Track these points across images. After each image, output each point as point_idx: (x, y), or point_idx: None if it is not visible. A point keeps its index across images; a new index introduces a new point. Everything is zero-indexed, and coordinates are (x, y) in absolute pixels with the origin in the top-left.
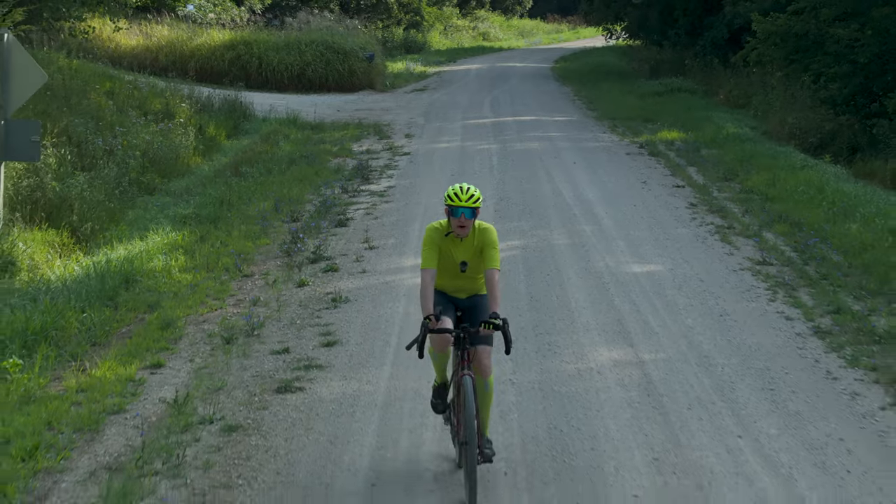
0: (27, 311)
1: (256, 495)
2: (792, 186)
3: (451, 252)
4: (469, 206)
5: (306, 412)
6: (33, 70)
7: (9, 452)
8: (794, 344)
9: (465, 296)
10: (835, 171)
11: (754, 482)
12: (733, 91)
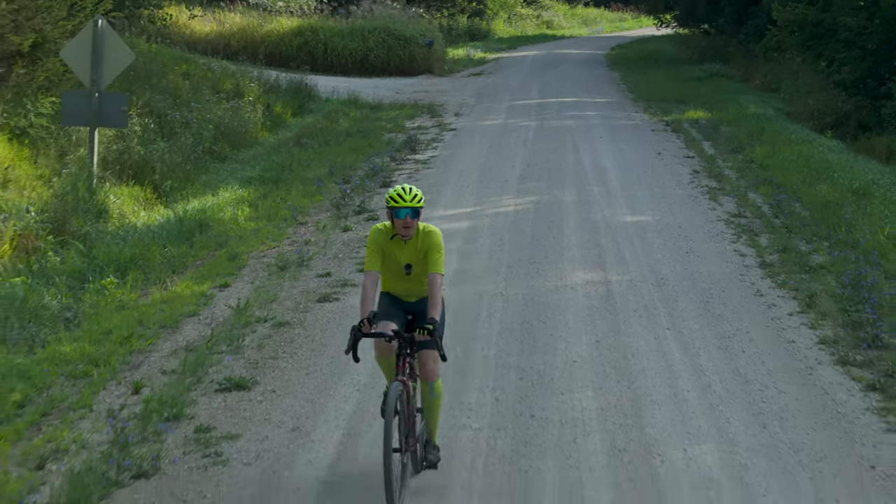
0: (119, 245)
1: (296, 363)
2: (787, 157)
3: (395, 254)
4: (412, 206)
5: (339, 314)
6: (122, 50)
7: (110, 339)
8: (739, 272)
9: (414, 299)
10: (830, 145)
11: (667, 356)
12: (767, 76)
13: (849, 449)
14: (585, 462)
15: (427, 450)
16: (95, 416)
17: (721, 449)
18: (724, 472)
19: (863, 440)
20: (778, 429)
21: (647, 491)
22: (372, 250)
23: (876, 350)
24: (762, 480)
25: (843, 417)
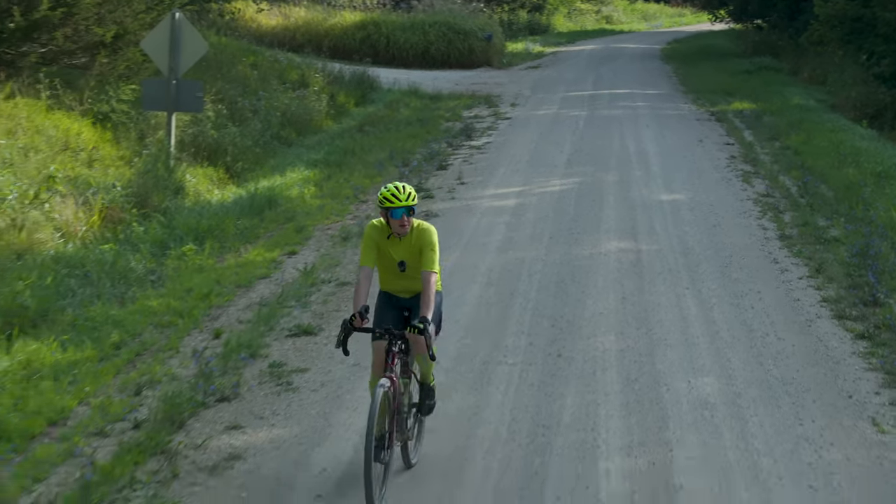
0: (196, 218)
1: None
2: (820, 144)
3: (390, 251)
4: (408, 205)
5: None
6: (198, 41)
7: (191, 295)
8: (759, 243)
9: (408, 296)
10: (864, 134)
11: (684, 310)
12: (815, 70)
13: (832, 383)
14: (602, 389)
15: (424, 392)
16: (182, 356)
17: (720, 381)
18: (720, 398)
19: (845, 377)
20: (772, 367)
21: (651, 410)
22: (367, 246)
23: (871, 307)
24: (752, 404)
25: (831, 359)
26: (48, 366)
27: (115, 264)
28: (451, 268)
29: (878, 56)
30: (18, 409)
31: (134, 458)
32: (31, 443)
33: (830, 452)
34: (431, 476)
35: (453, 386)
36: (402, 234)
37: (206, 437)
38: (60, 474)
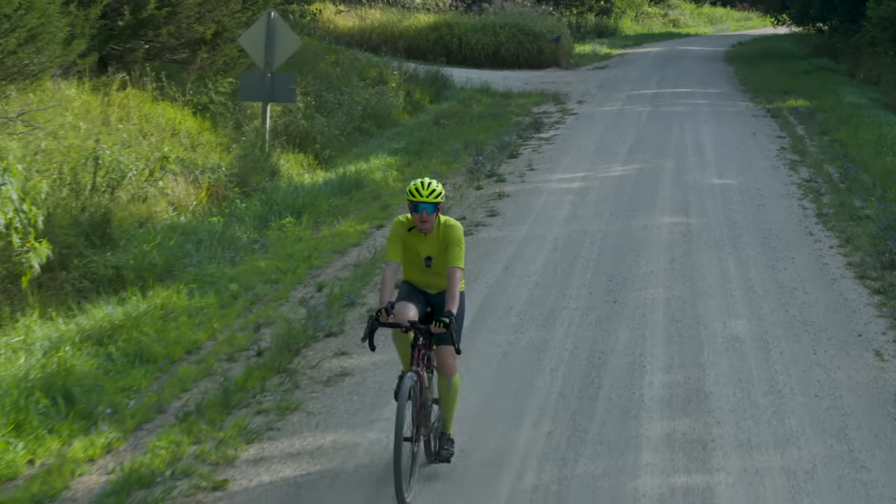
0: (292, 196)
1: None
2: (866, 137)
3: (416, 247)
4: (430, 202)
5: (474, 245)
6: (291, 38)
7: (293, 258)
8: (798, 220)
9: (434, 292)
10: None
11: (725, 270)
12: (871, 71)
13: (846, 326)
14: (649, 327)
15: (441, 443)
16: (291, 303)
17: (751, 323)
18: (749, 334)
19: (858, 321)
20: (796, 313)
21: (690, 342)
22: (393, 241)
23: (889, 270)
24: (776, 340)
25: (848, 308)
26: (180, 308)
27: (224, 233)
28: (523, 237)
29: None
30: (160, 339)
31: (261, 374)
32: (173, 365)
33: (837, 373)
34: (509, 382)
35: (525, 324)
36: (424, 230)
37: (319, 360)
38: (201, 386)
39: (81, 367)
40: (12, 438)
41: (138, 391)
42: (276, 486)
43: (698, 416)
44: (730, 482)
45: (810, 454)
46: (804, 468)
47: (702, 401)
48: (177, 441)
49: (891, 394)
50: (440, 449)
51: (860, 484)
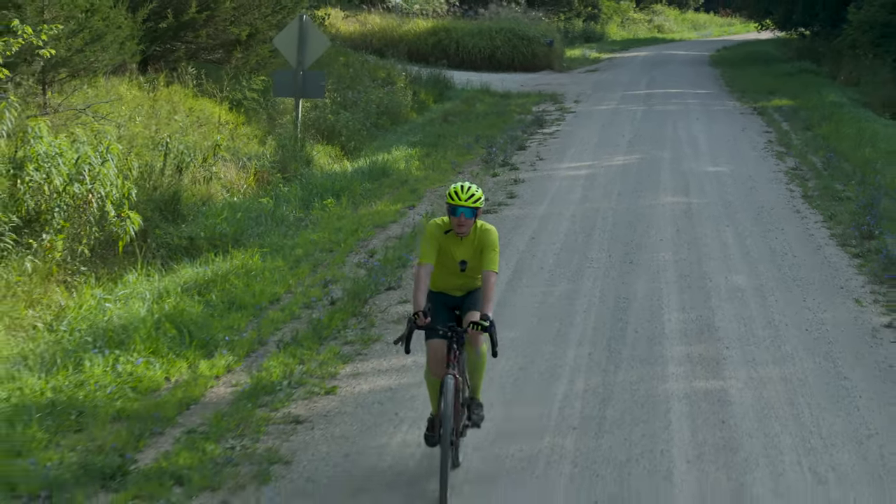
0: (328, 181)
1: None
2: (846, 131)
3: (451, 250)
4: (469, 206)
5: (500, 221)
6: (321, 39)
7: (341, 232)
8: (786, 200)
9: (462, 293)
10: (885, 123)
11: (724, 238)
12: (852, 73)
13: (830, 280)
14: (663, 280)
15: (472, 409)
16: (349, 266)
17: (749, 277)
18: (748, 285)
19: (840, 277)
20: (787, 271)
21: (699, 292)
22: (428, 244)
23: (867, 239)
24: (771, 290)
25: (832, 267)
26: (256, 269)
27: (275, 212)
28: (542, 214)
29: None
30: (247, 291)
31: (341, 317)
32: (261, 311)
33: (823, 314)
34: (550, 320)
35: (557, 279)
36: (461, 234)
37: (386, 307)
38: (290, 326)
39: (190, 310)
40: (152, 359)
41: (239, 329)
42: (375, 391)
43: (710, 343)
44: (739, 387)
45: (803, 369)
46: (798, 378)
47: (712, 332)
48: (285, 362)
49: (868, 328)
50: (471, 414)
51: (843, 388)
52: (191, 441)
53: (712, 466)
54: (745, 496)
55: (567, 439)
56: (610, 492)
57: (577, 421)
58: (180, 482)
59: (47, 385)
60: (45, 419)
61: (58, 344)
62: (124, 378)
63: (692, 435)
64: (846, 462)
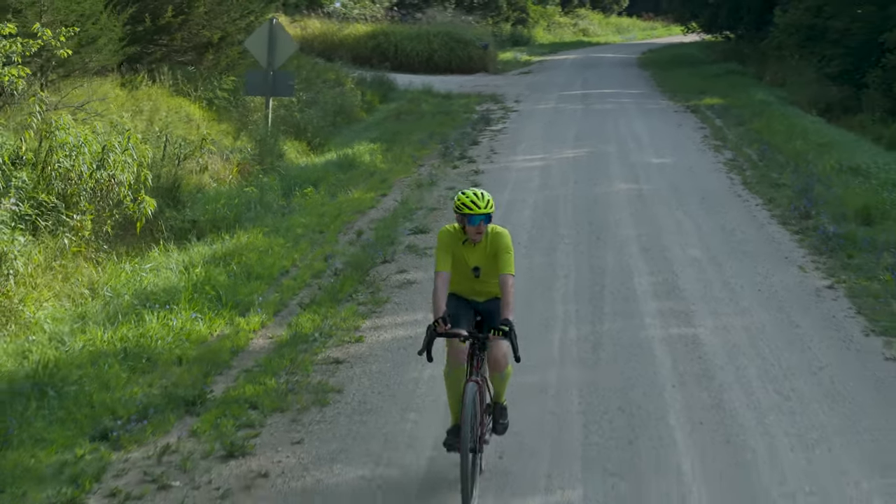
0: (304, 172)
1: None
2: (777, 127)
3: (465, 257)
4: (486, 213)
5: None
6: (289, 41)
7: (326, 216)
8: (728, 186)
9: (482, 299)
10: (813, 119)
11: (676, 217)
12: (777, 73)
13: (776, 252)
14: (627, 252)
15: (496, 414)
16: (342, 244)
17: (703, 250)
18: (704, 256)
19: (784, 250)
20: (737, 244)
21: (662, 260)
22: (442, 251)
23: (805, 219)
24: (724, 260)
25: (776, 242)
26: (262, 246)
27: (261, 199)
28: (507, 200)
29: (828, 59)
30: (260, 263)
31: (349, 283)
32: (276, 280)
33: (772, 279)
34: (535, 284)
35: (533, 253)
36: (477, 241)
37: (387, 275)
38: (305, 292)
39: (217, 278)
40: (196, 314)
41: (262, 294)
42: (397, 339)
43: (678, 300)
44: (708, 333)
45: (760, 319)
46: (757, 326)
47: (679, 292)
48: (312, 319)
49: (812, 289)
50: (497, 421)
51: (795, 333)
52: (251, 377)
53: (695, 388)
54: (724, 407)
55: (571, 371)
56: (617, 405)
57: (577, 354)
58: (254, 406)
59: (115, 336)
60: (121, 363)
61: (110, 306)
62: (177, 331)
63: (674, 367)
64: (803, 386)
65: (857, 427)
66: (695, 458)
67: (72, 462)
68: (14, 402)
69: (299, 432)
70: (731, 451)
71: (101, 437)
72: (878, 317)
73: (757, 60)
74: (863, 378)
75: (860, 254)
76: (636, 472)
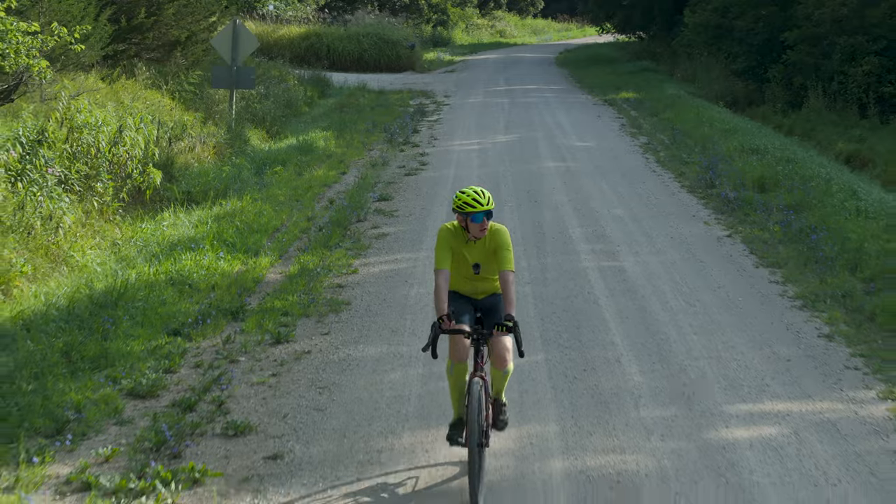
0: (270, 154)
1: (406, 194)
2: (687, 116)
3: (464, 254)
4: (488, 210)
5: (423, 181)
6: (251, 39)
7: (298, 189)
8: (644, 164)
9: (482, 296)
10: (719, 110)
11: (601, 187)
12: (687, 70)
13: (685, 212)
14: (563, 211)
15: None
16: (319, 209)
17: (625, 210)
18: (625, 214)
19: (691, 210)
20: (652, 207)
21: (591, 218)
22: (442, 249)
23: (709, 188)
24: (642, 217)
25: (685, 205)
26: (253, 209)
27: (239, 175)
28: (454, 175)
29: (734, 56)
30: (257, 222)
31: (336, 235)
32: (272, 234)
33: (681, 230)
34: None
35: None
36: (479, 237)
37: (365, 229)
38: (300, 241)
39: (227, 230)
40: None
41: (263, 244)
42: (385, 272)
43: (606, 244)
44: (631, 265)
45: (672, 257)
46: (670, 261)
47: (607, 238)
48: (311, 259)
49: (714, 237)
50: (497, 417)
51: (700, 266)
52: (276, 296)
53: (623, 299)
54: (645, 309)
55: (525, 288)
56: (563, 307)
57: (529, 279)
58: (285, 314)
59: (159, 270)
60: (171, 288)
61: (144, 251)
62: (206, 267)
63: (605, 285)
64: (706, 298)
65: (744, 323)
66: (623, 337)
67: (159, 348)
68: (100, 313)
69: (325, 328)
70: (651, 334)
71: (175, 333)
72: (766, 255)
73: (668, 59)
74: (751, 294)
75: (755, 213)
76: (581, 346)
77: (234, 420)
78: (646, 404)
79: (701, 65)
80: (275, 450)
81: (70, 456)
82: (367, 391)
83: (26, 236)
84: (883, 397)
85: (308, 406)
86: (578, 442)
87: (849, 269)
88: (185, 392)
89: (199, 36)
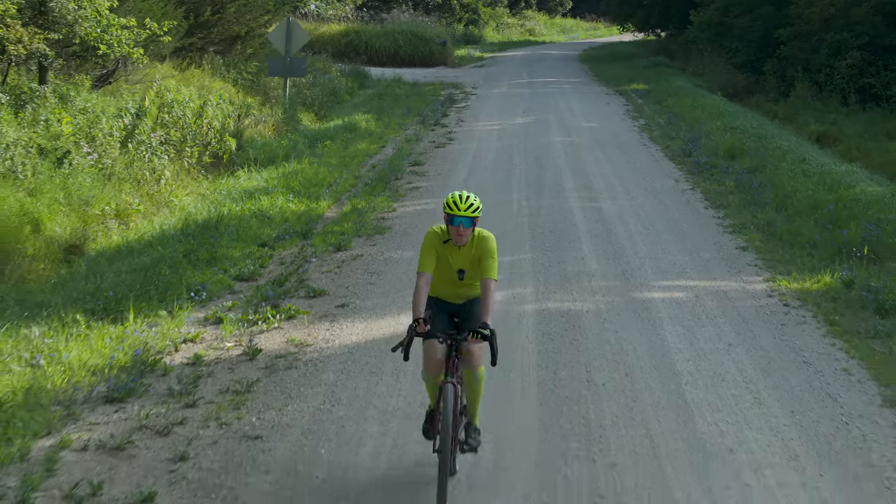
0: (320, 133)
1: (437, 161)
2: (686, 103)
3: (449, 258)
4: (468, 216)
5: (450, 153)
6: (302, 34)
7: (346, 157)
8: (637, 140)
9: (461, 301)
10: (716, 98)
11: (597, 157)
12: (697, 66)
13: (662, 174)
14: (562, 171)
15: (468, 433)
16: (363, 171)
17: (613, 169)
18: (612, 174)
19: (668, 173)
20: (638, 170)
21: (584, 175)
22: (426, 252)
23: (687, 157)
24: (627, 176)
25: (664, 169)
26: (310, 171)
27: (295, 147)
28: (476, 148)
29: (734, 51)
30: (314, 177)
31: (379, 186)
32: (327, 188)
33: (655, 184)
34: (499, 181)
35: (497, 173)
36: (459, 244)
37: (401, 185)
38: (348, 193)
39: (291, 183)
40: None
41: (322, 192)
42: (416, 210)
43: (591, 192)
44: (607, 206)
45: (642, 202)
46: (639, 204)
47: (593, 189)
48: (360, 203)
49: (679, 190)
50: (467, 439)
51: (663, 207)
52: (334, 224)
53: (596, 225)
54: (611, 231)
55: (524, 219)
56: (550, 229)
57: (527, 213)
58: (341, 234)
59: (243, 208)
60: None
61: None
62: (279, 207)
63: (584, 217)
64: (659, 226)
65: (683, 239)
66: (590, 246)
67: (252, 253)
68: (205, 233)
69: (373, 242)
70: (611, 244)
71: (263, 245)
72: (717, 201)
73: (682, 55)
74: (695, 223)
75: (718, 174)
76: (559, 249)
77: (313, 287)
78: (596, 280)
79: (708, 60)
80: (342, 302)
81: (203, 308)
82: (403, 274)
83: (136, 186)
84: (766, 280)
85: (363, 282)
86: (545, 296)
87: (776, 209)
88: (276, 276)
89: (257, 31)
